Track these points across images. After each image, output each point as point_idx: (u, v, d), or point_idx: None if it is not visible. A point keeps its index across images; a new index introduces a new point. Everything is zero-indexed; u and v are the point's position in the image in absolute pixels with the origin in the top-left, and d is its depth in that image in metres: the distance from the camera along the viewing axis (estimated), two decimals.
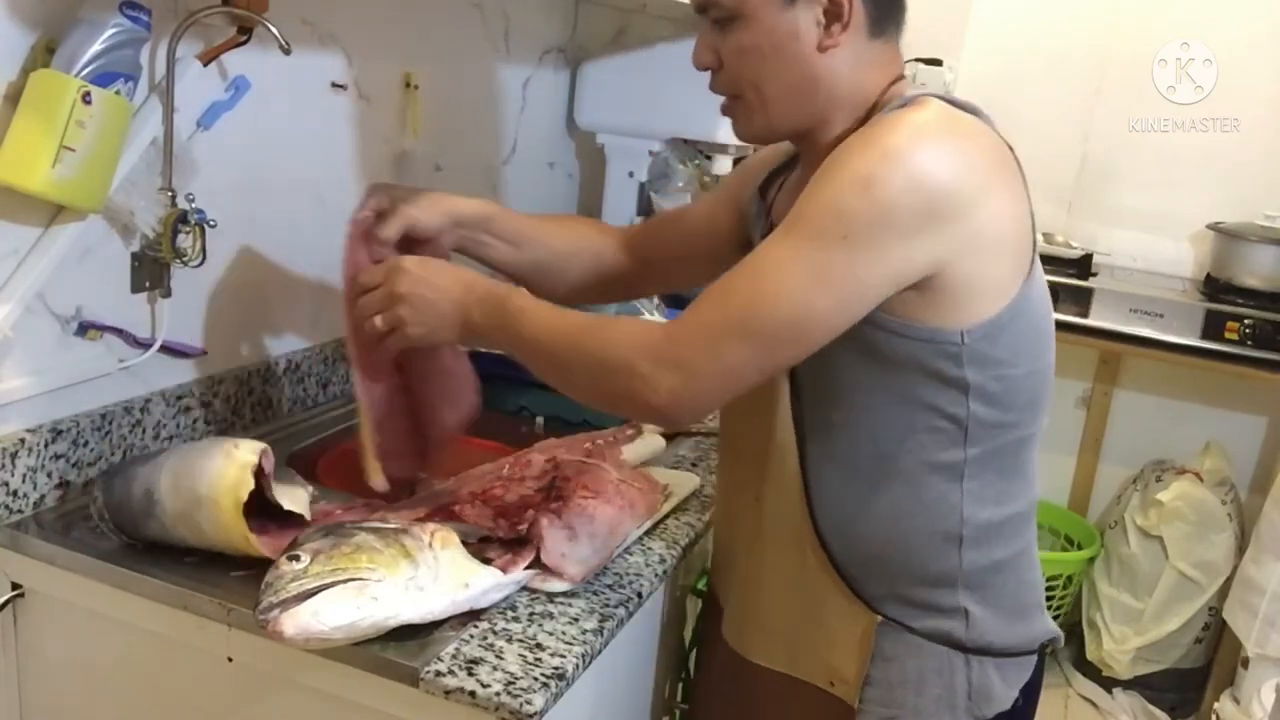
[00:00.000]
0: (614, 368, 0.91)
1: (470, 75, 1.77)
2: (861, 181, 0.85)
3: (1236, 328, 2.43)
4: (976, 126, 0.91)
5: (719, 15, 0.96)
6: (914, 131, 0.87)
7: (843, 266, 0.85)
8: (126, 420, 1.20)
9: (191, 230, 1.18)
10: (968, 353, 0.91)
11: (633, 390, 0.90)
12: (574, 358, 0.95)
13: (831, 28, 0.94)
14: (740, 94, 0.98)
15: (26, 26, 1.02)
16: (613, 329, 0.94)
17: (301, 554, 0.90)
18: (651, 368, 0.89)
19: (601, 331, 0.94)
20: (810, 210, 0.87)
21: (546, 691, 0.89)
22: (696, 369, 0.88)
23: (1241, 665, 2.39)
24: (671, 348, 0.89)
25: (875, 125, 0.90)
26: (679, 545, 1.19)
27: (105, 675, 1.10)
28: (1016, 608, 1.02)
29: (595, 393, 0.97)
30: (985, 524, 0.98)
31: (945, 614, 0.99)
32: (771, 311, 0.87)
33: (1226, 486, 2.60)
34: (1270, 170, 2.59)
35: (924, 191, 0.85)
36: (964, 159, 0.88)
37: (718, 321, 0.88)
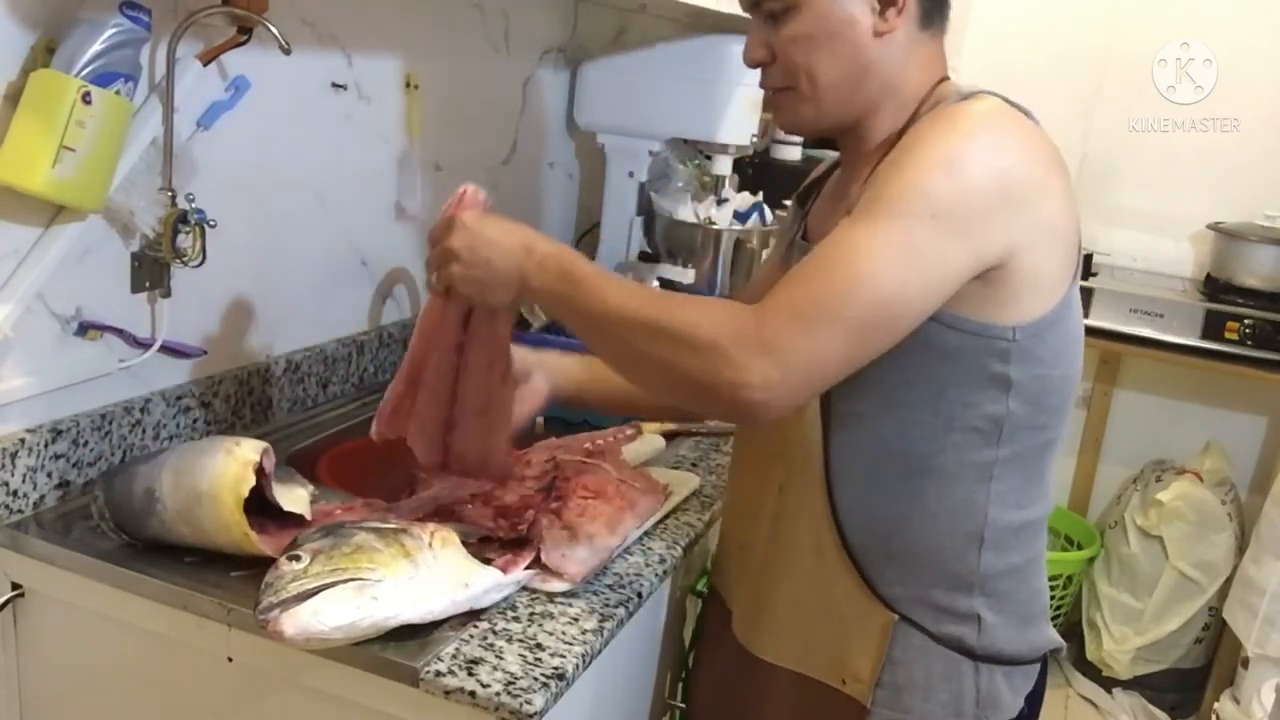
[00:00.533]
0: (698, 348, 0.84)
1: (470, 75, 1.77)
2: (945, 162, 0.85)
3: (1236, 328, 2.43)
4: (1034, 125, 0.93)
5: (773, 8, 0.96)
6: (986, 119, 0.89)
7: (932, 247, 0.84)
8: (126, 420, 1.20)
9: (191, 230, 1.18)
10: (1016, 350, 0.91)
11: (719, 375, 0.83)
12: (648, 336, 0.88)
13: (886, 12, 0.94)
14: (793, 84, 0.98)
15: (26, 26, 1.02)
16: (695, 306, 0.88)
17: (301, 554, 0.90)
18: (741, 351, 0.83)
19: (682, 308, 0.87)
20: (893, 191, 0.85)
21: (546, 691, 0.89)
22: (790, 356, 0.83)
23: (1241, 665, 2.39)
24: (762, 330, 0.83)
25: (944, 113, 0.90)
26: (679, 545, 1.19)
27: (105, 675, 1.10)
28: (1026, 615, 1.02)
29: (671, 377, 0.88)
30: (1006, 526, 0.98)
31: (958, 619, 0.99)
32: (867, 294, 0.83)
33: (1226, 486, 2.60)
34: (1270, 170, 2.59)
35: (1004, 174, 0.86)
36: (1034, 149, 0.89)
37: (810, 306, 0.83)
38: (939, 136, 0.87)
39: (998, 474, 0.96)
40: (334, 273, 1.53)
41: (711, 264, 2.05)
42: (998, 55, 2.69)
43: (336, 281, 1.54)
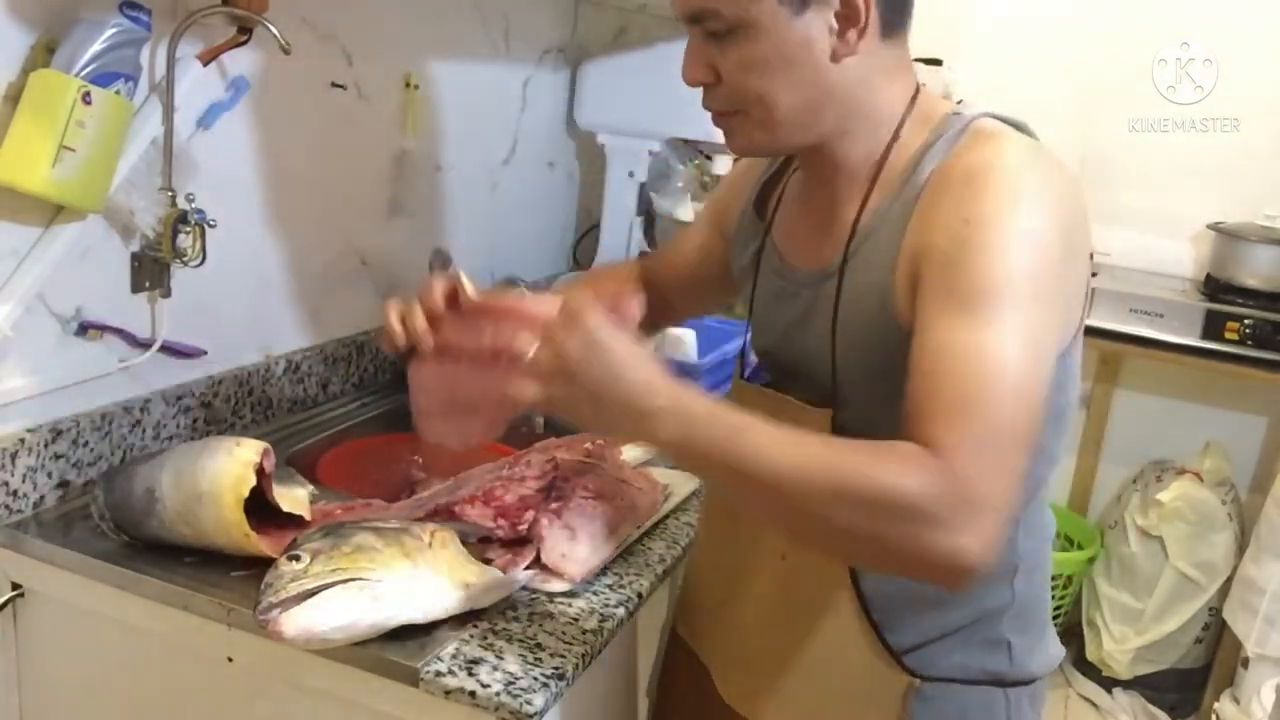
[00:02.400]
0: (898, 510, 0.72)
1: (470, 75, 1.77)
2: (1024, 235, 0.79)
3: (1236, 328, 2.43)
4: (1044, 148, 0.88)
5: (717, 27, 0.86)
6: (1035, 170, 0.83)
7: (1045, 325, 0.80)
8: (126, 420, 1.20)
9: (191, 230, 1.18)
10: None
11: (933, 544, 0.72)
12: (837, 504, 0.75)
13: (846, 34, 0.85)
14: (743, 109, 0.89)
15: (26, 26, 1.02)
16: (882, 462, 0.75)
17: (301, 554, 0.90)
18: (950, 510, 0.72)
19: (870, 468, 0.75)
20: (985, 282, 0.79)
21: (546, 691, 0.89)
22: (999, 502, 0.74)
23: (1241, 665, 2.38)
24: (963, 482, 0.73)
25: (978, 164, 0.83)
26: (679, 545, 1.19)
27: (105, 675, 1.10)
28: (1043, 629, 1.00)
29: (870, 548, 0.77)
30: (1031, 553, 0.95)
31: (990, 648, 0.95)
32: (1027, 401, 0.77)
33: (1226, 486, 2.60)
34: (1270, 170, 2.59)
35: (1070, 231, 0.82)
36: (1072, 191, 0.85)
37: (988, 436, 0.74)
38: (1003, 210, 0.80)
39: (1024, 505, 0.92)
40: (334, 273, 1.53)
41: None
42: (998, 55, 2.69)
43: (336, 281, 1.54)
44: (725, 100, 0.90)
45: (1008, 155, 0.84)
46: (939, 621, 0.94)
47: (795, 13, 0.84)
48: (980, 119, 0.88)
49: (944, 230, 0.82)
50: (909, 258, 0.85)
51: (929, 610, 0.93)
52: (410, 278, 1.69)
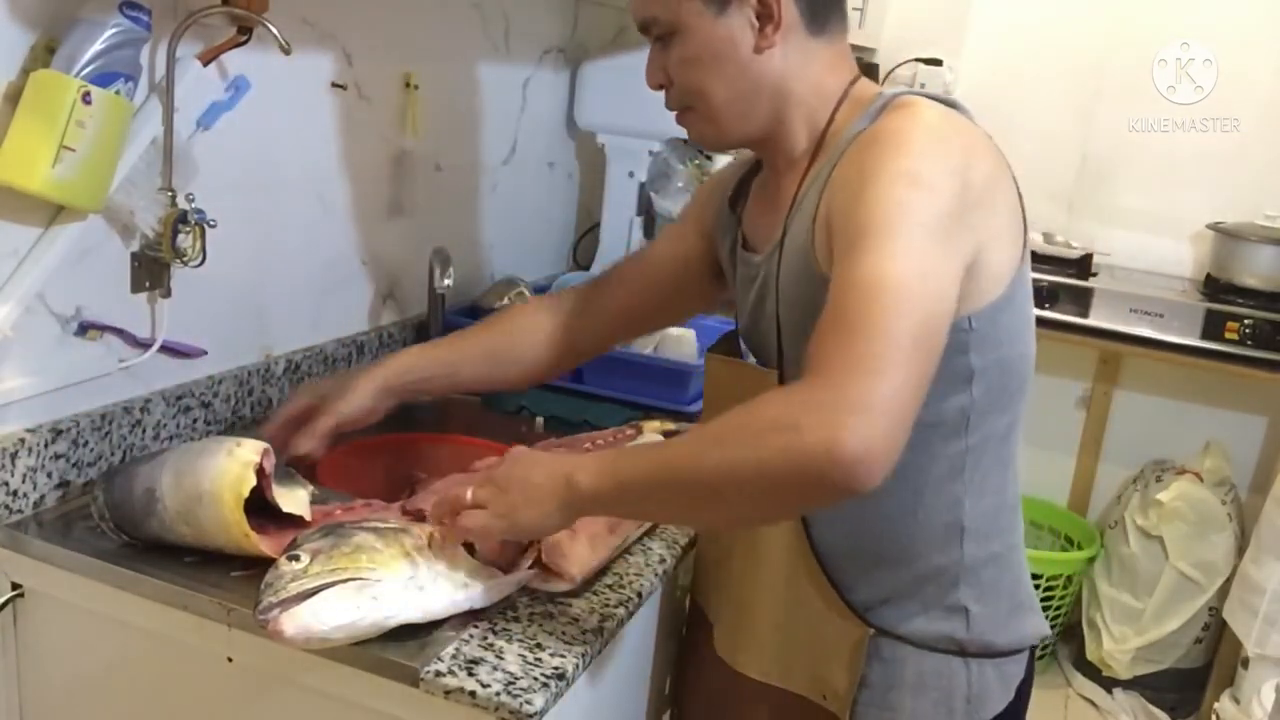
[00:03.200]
0: (778, 428, 0.76)
1: (470, 75, 1.77)
2: (909, 177, 0.84)
3: (1236, 328, 2.43)
4: (966, 120, 0.93)
5: (660, 32, 0.98)
6: (930, 126, 0.88)
7: (930, 250, 0.82)
8: (126, 420, 1.20)
9: (191, 230, 1.18)
10: (974, 338, 0.91)
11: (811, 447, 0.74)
12: (722, 456, 0.79)
13: (765, 29, 0.95)
14: (691, 106, 1.00)
15: (26, 26, 1.02)
16: (752, 407, 0.80)
17: (301, 554, 0.90)
18: (823, 416, 0.75)
19: (741, 415, 0.80)
20: (872, 217, 0.83)
21: (546, 691, 0.89)
22: (871, 404, 0.75)
23: (1241, 665, 2.39)
24: (834, 390, 0.76)
25: (880, 131, 0.89)
26: (679, 545, 1.19)
27: (105, 675, 1.10)
28: (1013, 605, 1.02)
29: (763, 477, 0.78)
30: (984, 513, 0.98)
31: (946, 613, 0.99)
32: (912, 318, 0.79)
33: (1226, 486, 2.60)
34: (1270, 170, 2.59)
35: (963, 177, 0.86)
36: (975, 146, 0.89)
37: (868, 350, 0.77)
38: (888, 158, 0.86)
39: (970, 463, 0.96)
40: (334, 273, 1.53)
41: None
42: (997, 55, 2.70)
43: (336, 281, 1.54)
44: (676, 100, 1.01)
45: (909, 118, 0.90)
46: (890, 578, 0.99)
47: (717, 13, 0.95)
48: (903, 94, 0.94)
49: (844, 186, 0.89)
50: (823, 216, 0.91)
51: (878, 567, 0.99)
52: (410, 278, 1.69)
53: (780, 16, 0.94)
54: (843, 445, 0.73)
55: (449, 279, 1.62)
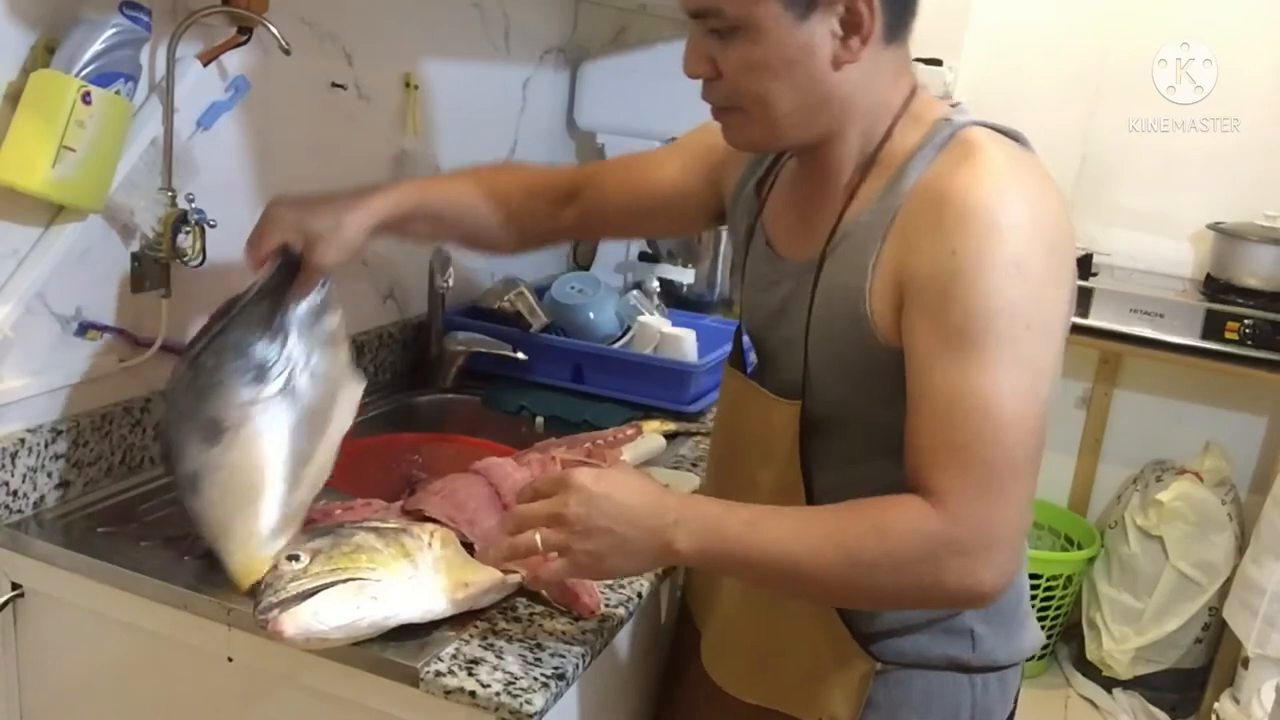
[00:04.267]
0: (907, 569, 0.81)
1: (470, 75, 1.77)
2: (1013, 267, 0.81)
3: (1236, 328, 2.43)
4: (1034, 162, 0.88)
5: (720, 25, 0.87)
6: (1009, 188, 0.84)
7: (1039, 353, 0.82)
8: (126, 420, 1.20)
9: (191, 230, 1.18)
10: None
11: (952, 586, 0.81)
12: (858, 579, 0.83)
13: (850, 40, 0.87)
14: (740, 106, 0.91)
15: (26, 26, 1.02)
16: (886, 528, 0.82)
17: (301, 554, 0.91)
18: (956, 557, 0.80)
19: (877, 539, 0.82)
20: (975, 318, 0.81)
21: (546, 691, 0.89)
22: (1002, 533, 0.81)
23: (1241, 665, 2.39)
24: (965, 529, 0.80)
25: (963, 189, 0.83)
26: None
27: (105, 675, 1.10)
28: (1014, 620, 1.01)
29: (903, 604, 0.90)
30: None
31: (952, 636, 0.96)
32: (1023, 432, 0.81)
33: (1226, 486, 2.60)
34: (1270, 170, 2.59)
35: (1058, 249, 0.84)
36: (1058, 203, 0.86)
37: (990, 478, 0.80)
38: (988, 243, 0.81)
39: None
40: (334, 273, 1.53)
41: (711, 264, 2.05)
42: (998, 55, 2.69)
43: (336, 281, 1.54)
44: (724, 96, 0.91)
45: (988, 178, 0.84)
46: (901, 614, 0.96)
47: (799, 17, 0.85)
48: (968, 128, 0.89)
49: (930, 260, 0.83)
50: (891, 275, 0.87)
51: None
52: (410, 278, 1.69)
53: (869, 28, 0.86)
54: (985, 586, 0.81)
55: (449, 279, 1.62)
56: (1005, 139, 0.89)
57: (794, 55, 0.86)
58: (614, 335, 1.74)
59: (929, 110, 0.92)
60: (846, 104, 0.90)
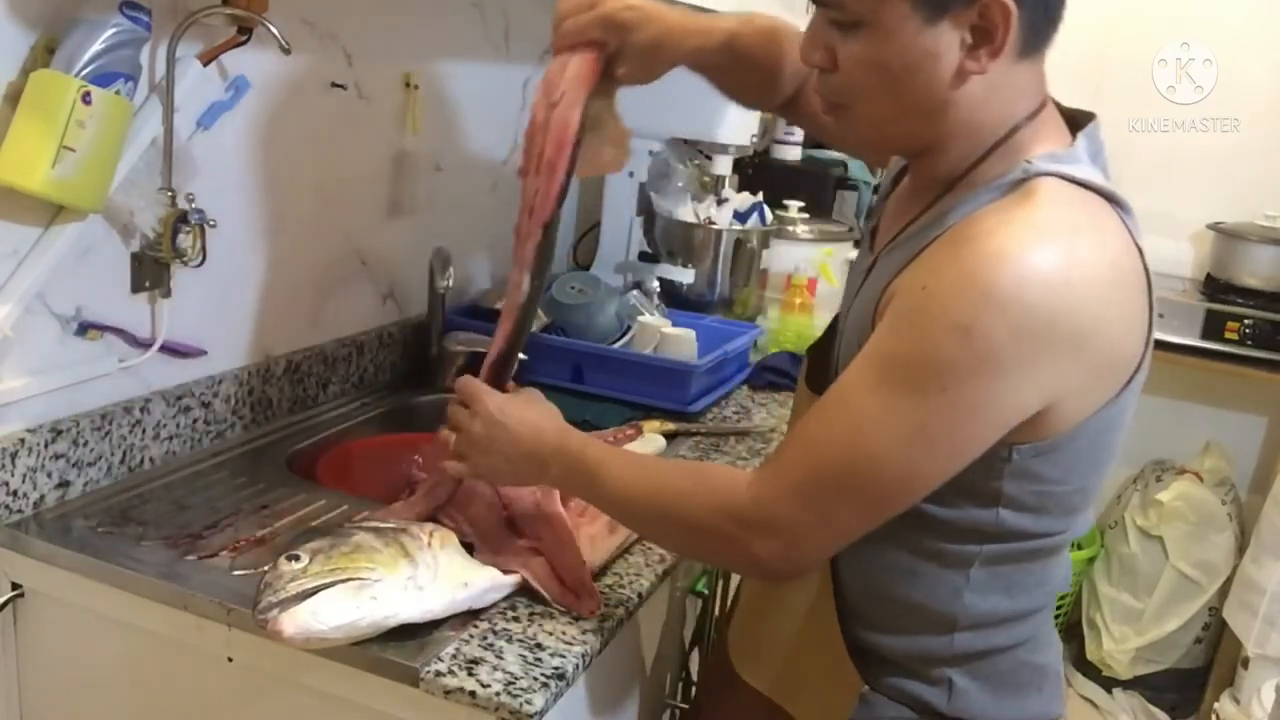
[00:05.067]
0: (705, 534, 0.89)
1: (470, 75, 1.77)
2: (961, 330, 0.74)
3: (1236, 328, 2.43)
4: (1099, 225, 0.80)
5: (841, 18, 0.82)
6: (1020, 253, 0.75)
7: (945, 424, 0.77)
8: (126, 420, 1.20)
9: (191, 230, 1.18)
10: (1010, 469, 0.82)
11: (730, 555, 0.90)
12: (661, 521, 0.94)
13: (978, 51, 0.80)
14: (848, 105, 0.86)
15: (26, 26, 1.02)
16: (697, 489, 0.90)
17: (301, 554, 0.90)
18: (743, 532, 0.85)
19: (686, 496, 0.90)
20: (902, 357, 0.78)
21: (546, 691, 0.89)
22: (795, 531, 0.83)
23: (1241, 665, 2.39)
24: (760, 511, 0.84)
25: (973, 237, 0.78)
26: None
27: (105, 675, 1.10)
28: (1012, 681, 0.94)
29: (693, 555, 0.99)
30: (987, 614, 0.90)
31: (928, 684, 0.92)
32: (874, 474, 0.80)
33: (1226, 486, 2.60)
34: (1270, 170, 2.59)
35: (1033, 336, 0.75)
36: (1079, 288, 0.76)
37: (813, 482, 0.82)
38: (959, 288, 0.75)
39: (982, 564, 0.88)
40: (334, 273, 1.53)
41: (711, 264, 2.05)
42: None
43: (336, 281, 1.54)
44: (836, 91, 0.86)
45: (1007, 236, 0.77)
46: (887, 640, 0.93)
47: (928, 21, 0.79)
48: (1043, 178, 0.80)
49: (906, 285, 0.81)
50: (889, 292, 0.83)
51: (879, 630, 0.93)
52: (410, 278, 1.69)
53: (1002, 41, 0.79)
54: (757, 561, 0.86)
55: (449, 279, 1.62)
56: (1082, 203, 0.81)
57: (916, 60, 0.80)
58: (614, 335, 1.74)
59: (1033, 142, 0.85)
60: (960, 119, 0.83)
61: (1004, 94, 0.84)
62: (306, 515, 1.16)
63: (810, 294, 2.13)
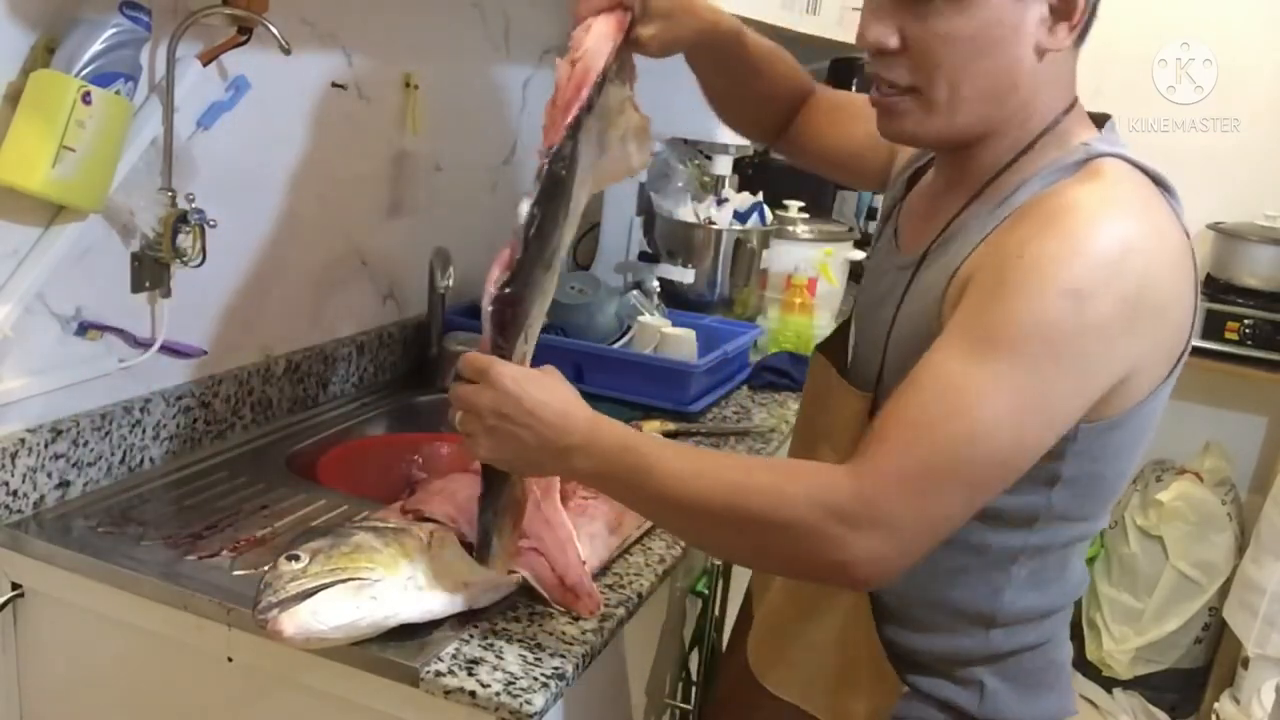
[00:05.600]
0: (795, 532, 0.76)
1: (470, 75, 1.77)
2: (1072, 294, 0.74)
3: (1236, 328, 2.43)
4: (1166, 210, 0.82)
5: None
6: (1118, 221, 0.77)
7: (1055, 392, 0.76)
8: (126, 420, 1.20)
9: (191, 230, 1.18)
10: (1073, 449, 0.82)
11: (821, 556, 0.77)
12: (734, 524, 0.79)
13: (1058, 26, 0.81)
14: (921, 88, 0.83)
15: (26, 26, 1.02)
16: (785, 484, 0.78)
17: (301, 554, 0.90)
18: (844, 530, 0.75)
19: (768, 492, 0.78)
20: (1006, 325, 0.75)
21: (546, 691, 0.89)
22: (902, 525, 0.75)
23: (1241, 665, 2.39)
24: (866, 506, 0.75)
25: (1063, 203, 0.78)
26: (679, 545, 1.19)
27: (105, 675, 1.10)
28: (1040, 681, 0.96)
29: (765, 558, 0.84)
30: (1022, 611, 0.91)
31: (961, 685, 0.93)
32: (985, 452, 0.75)
33: (1226, 486, 2.60)
34: (1270, 170, 2.59)
35: (1131, 304, 0.76)
36: (1163, 260, 0.78)
37: (922, 468, 0.75)
38: (1061, 253, 0.75)
39: (1023, 559, 0.89)
40: (334, 273, 1.53)
41: (711, 264, 2.05)
42: None
43: (336, 281, 1.54)
44: (907, 72, 0.83)
45: (1097, 199, 0.78)
46: (922, 640, 0.93)
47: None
48: (1109, 159, 0.83)
49: (997, 254, 0.79)
50: (965, 277, 0.82)
51: (916, 629, 0.93)
52: (410, 278, 1.69)
53: (1080, 19, 0.80)
54: (854, 564, 0.76)
55: (449, 279, 1.62)
56: (1144, 183, 0.83)
57: (1002, 34, 0.80)
58: (614, 335, 1.74)
59: (1074, 132, 0.86)
60: (1019, 102, 0.84)
61: (1058, 80, 0.85)
62: (306, 515, 1.16)
63: (810, 294, 2.13)
